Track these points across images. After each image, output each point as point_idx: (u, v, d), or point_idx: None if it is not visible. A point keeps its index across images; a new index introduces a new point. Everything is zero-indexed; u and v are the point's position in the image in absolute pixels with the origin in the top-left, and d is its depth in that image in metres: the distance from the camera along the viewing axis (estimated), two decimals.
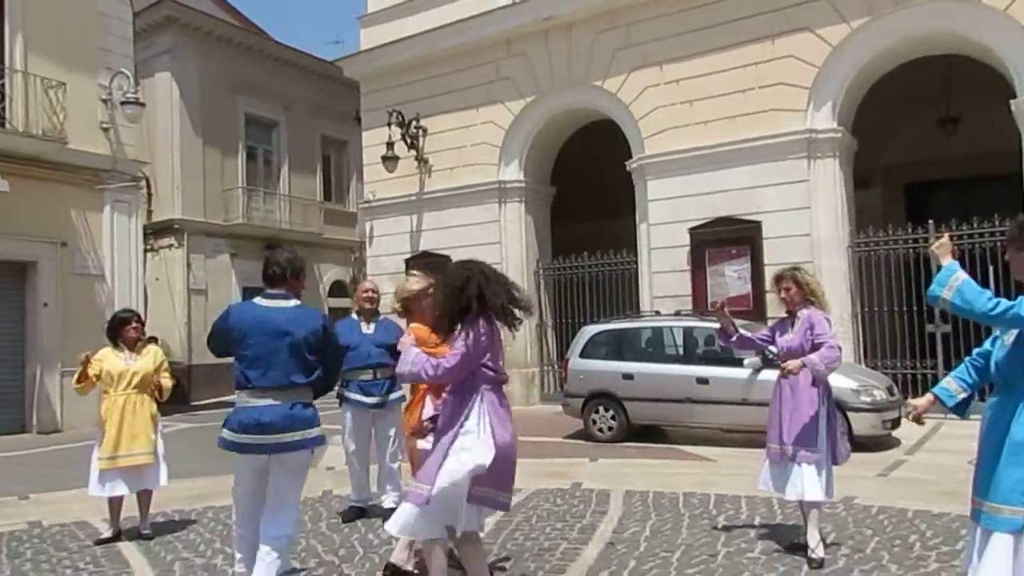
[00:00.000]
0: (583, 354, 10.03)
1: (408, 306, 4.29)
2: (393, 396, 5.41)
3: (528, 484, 6.57)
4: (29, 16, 12.48)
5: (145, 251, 18.10)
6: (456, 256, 14.18)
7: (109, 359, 5.10)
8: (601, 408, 9.70)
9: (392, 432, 5.45)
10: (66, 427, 12.18)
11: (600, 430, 9.66)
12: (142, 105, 13.76)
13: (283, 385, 3.52)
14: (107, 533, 5.19)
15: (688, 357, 9.32)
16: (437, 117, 14.82)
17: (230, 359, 3.68)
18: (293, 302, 3.66)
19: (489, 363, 3.38)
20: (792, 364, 4.33)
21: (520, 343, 14.09)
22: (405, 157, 14.80)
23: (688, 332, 9.45)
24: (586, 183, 15.66)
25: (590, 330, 10.28)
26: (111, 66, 13.62)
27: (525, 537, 4.92)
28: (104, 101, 13.52)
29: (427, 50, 14.84)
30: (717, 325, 4.84)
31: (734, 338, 4.71)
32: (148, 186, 18.00)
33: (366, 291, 5.70)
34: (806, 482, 4.20)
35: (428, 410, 3.75)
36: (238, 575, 3.64)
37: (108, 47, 13.81)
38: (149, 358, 5.25)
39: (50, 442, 11.23)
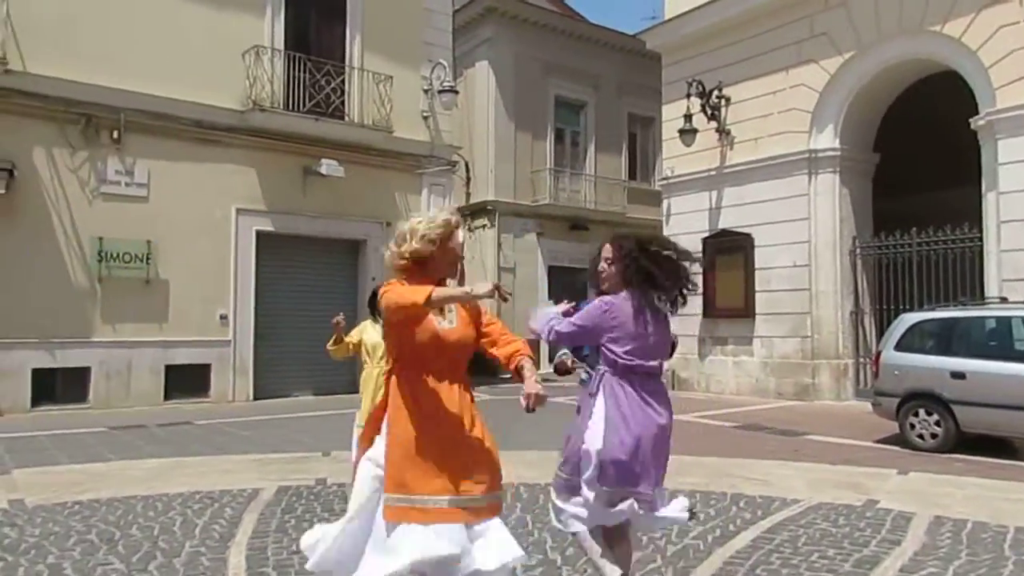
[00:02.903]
0: (900, 346, 8.52)
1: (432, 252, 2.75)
2: None
3: (808, 495, 5.70)
4: (365, 17, 14.01)
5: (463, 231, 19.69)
6: (758, 235, 13.30)
7: (368, 331, 5.31)
8: (922, 411, 8.17)
9: None
10: None
11: (920, 436, 8.15)
12: (456, 93, 14.76)
13: None
14: None
15: None
16: (740, 85, 13.74)
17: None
18: None
19: (613, 345, 3.07)
20: None
21: (831, 331, 12.64)
22: (705, 130, 13.97)
23: None
24: (917, 148, 13.46)
25: (910, 318, 8.71)
26: (432, 58, 14.80)
27: (783, 563, 4.13)
28: (425, 91, 14.75)
29: (732, 12, 13.81)
30: None
31: None
32: (467, 170, 19.47)
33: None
34: None
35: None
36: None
37: (431, 40, 15.02)
38: None
39: None
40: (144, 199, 11.82)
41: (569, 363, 5.09)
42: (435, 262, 2.75)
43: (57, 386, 11.18)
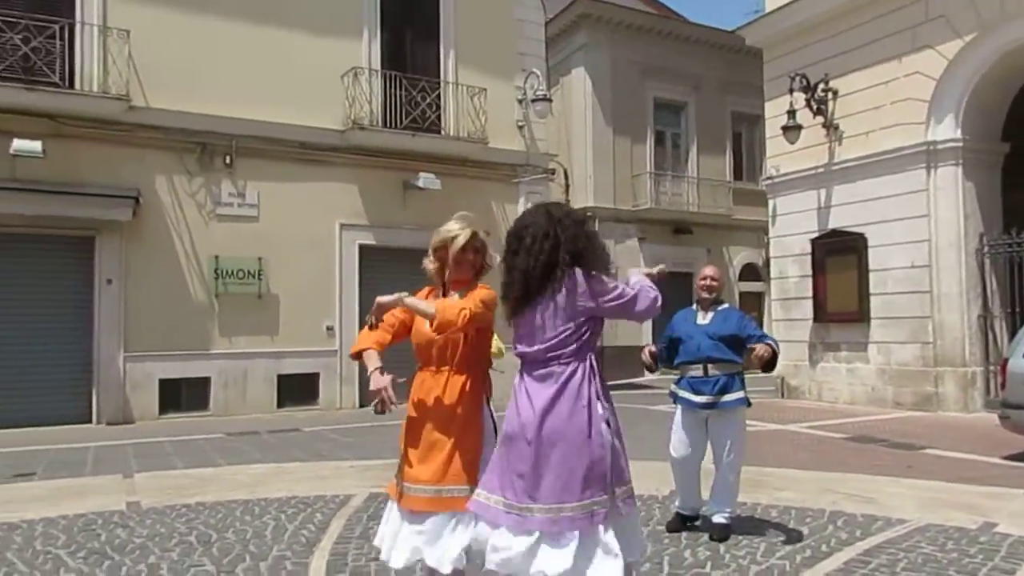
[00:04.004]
0: None
1: (445, 260, 3.16)
2: (728, 397, 4.73)
3: (917, 515, 5.30)
4: (458, 33, 14.30)
5: None
6: (872, 234, 12.57)
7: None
8: None
9: (728, 439, 4.79)
10: None
11: None
12: (550, 101, 14.79)
13: None
14: None
15: None
16: (848, 76, 13.05)
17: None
18: None
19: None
20: None
21: (956, 336, 11.77)
22: (811, 126, 13.35)
23: None
24: None
25: None
26: (525, 68, 14.91)
27: None
28: (519, 101, 14.87)
29: (838, 1, 13.15)
30: None
31: None
32: (566, 176, 19.46)
33: (704, 278, 5.07)
34: None
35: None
36: None
37: (523, 51, 15.14)
38: None
39: None
40: (255, 219, 12.50)
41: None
42: (445, 269, 3.19)
43: (182, 395, 11.97)
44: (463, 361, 3.03)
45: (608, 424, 2.74)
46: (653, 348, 5.05)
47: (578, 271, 2.79)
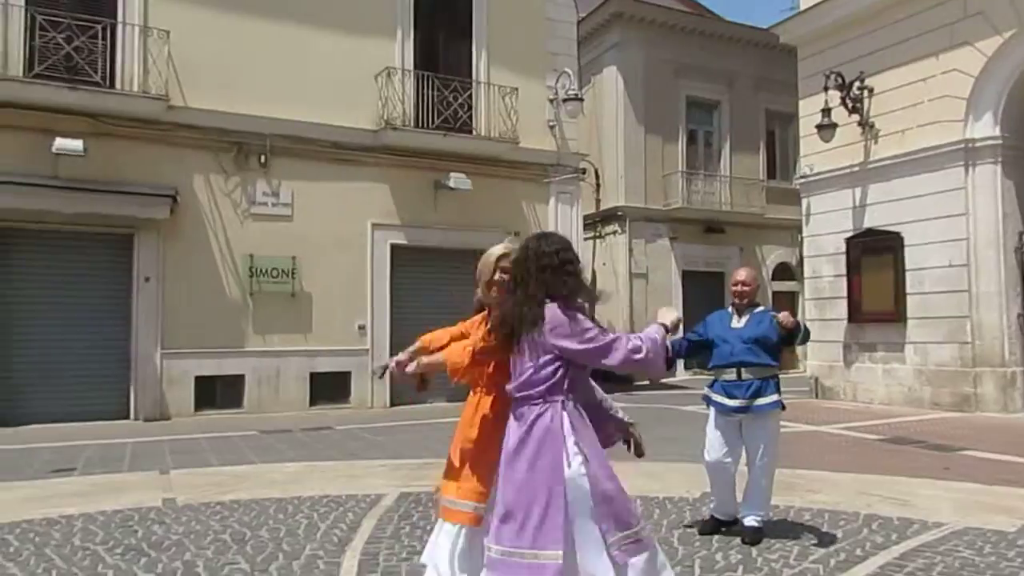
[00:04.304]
0: None
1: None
2: (762, 401, 4.68)
3: (954, 518, 5.22)
4: (491, 33, 14.33)
5: (594, 238, 19.63)
6: (908, 233, 12.36)
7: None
8: None
9: (761, 443, 4.75)
10: None
11: None
12: (581, 100, 14.76)
13: None
14: None
15: None
16: (884, 74, 12.85)
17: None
18: None
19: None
20: None
21: (995, 336, 11.55)
22: (845, 124, 13.17)
23: None
24: None
25: None
26: (557, 67, 14.88)
27: None
28: (550, 101, 14.86)
29: None
30: None
31: None
32: (596, 176, 19.41)
33: (736, 283, 4.98)
34: None
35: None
36: None
37: (555, 50, 15.12)
38: None
39: None
40: (289, 218, 12.66)
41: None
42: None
43: (217, 392, 12.15)
44: (490, 382, 3.01)
45: (586, 472, 2.63)
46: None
47: (553, 307, 2.72)
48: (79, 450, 8.69)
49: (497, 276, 3.05)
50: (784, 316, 4.68)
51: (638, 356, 2.70)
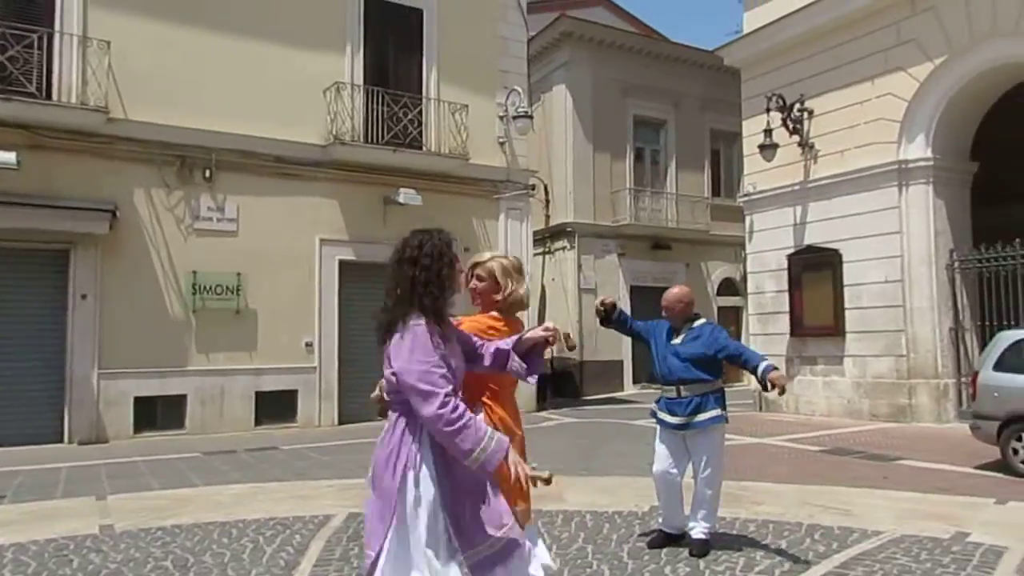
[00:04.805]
0: (1000, 365, 7.98)
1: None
2: (702, 417, 4.73)
3: (892, 526, 5.38)
4: (441, 49, 14.37)
5: (543, 253, 19.75)
6: (846, 250, 12.76)
7: None
8: None
9: (705, 455, 4.82)
10: None
11: None
12: (530, 118, 14.89)
13: None
14: None
15: None
16: (823, 97, 13.30)
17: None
18: None
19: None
20: None
21: (928, 349, 11.98)
22: (787, 144, 13.58)
23: None
24: (1021, 155, 12.61)
25: (1009, 336, 8.15)
26: (507, 85, 15.00)
27: None
28: (500, 118, 14.96)
29: (814, 24, 13.42)
30: None
31: None
32: (546, 192, 19.57)
33: (664, 303, 4.96)
34: None
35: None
36: None
37: (506, 68, 15.24)
38: None
39: None
40: (234, 233, 12.42)
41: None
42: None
43: (157, 413, 11.79)
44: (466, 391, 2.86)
45: (432, 491, 2.51)
46: (611, 300, 4.82)
47: (412, 316, 2.56)
48: (10, 476, 8.32)
49: (472, 283, 3.15)
50: (778, 377, 4.49)
51: (447, 428, 2.44)
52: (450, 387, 2.49)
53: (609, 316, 4.79)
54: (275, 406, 12.55)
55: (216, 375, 12.10)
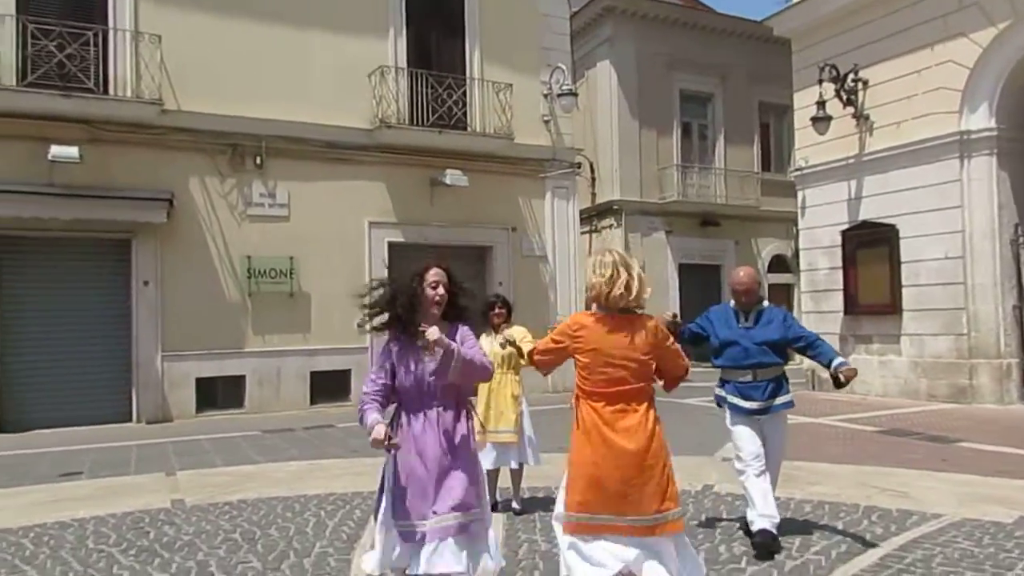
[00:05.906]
0: None
1: None
2: (780, 401, 4.64)
3: (952, 509, 5.30)
4: (483, 29, 14.34)
5: (590, 232, 19.68)
6: (904, 225, 12.42)
7: (480, 342, 5.45)
8: None
9: (777, 440, 4.72)
10: None
11: None
12: (575, 95, 14.78)
13: None
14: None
15: None
16: (878, 66, 12.90)
17: None
18: None
19: None
20: None
21: (991, 328, 11.64)
22: (840, 116, 13.22)
23: None
24: None
25: None
26: (551, 62, 14.90)
27: None
28: (545, 96, 14.88)
29: None
30: None
31: None
32: (592, 170, 19.45)
33: (737, 284, 4.79)
34: None
35: None
36: None
37: (549, 45, 15.13)
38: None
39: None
40: (286, 218, 12.68)
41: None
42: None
43: (218, 393, 12.19)
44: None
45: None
46: (676, 314, 4.43)
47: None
48: (84, 454, 8.73)
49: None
50: (852, 372, 4.37)
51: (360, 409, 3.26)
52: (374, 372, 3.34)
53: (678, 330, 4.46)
54: (329, 385, 12.84)
55: (272, 356, 12.43)
